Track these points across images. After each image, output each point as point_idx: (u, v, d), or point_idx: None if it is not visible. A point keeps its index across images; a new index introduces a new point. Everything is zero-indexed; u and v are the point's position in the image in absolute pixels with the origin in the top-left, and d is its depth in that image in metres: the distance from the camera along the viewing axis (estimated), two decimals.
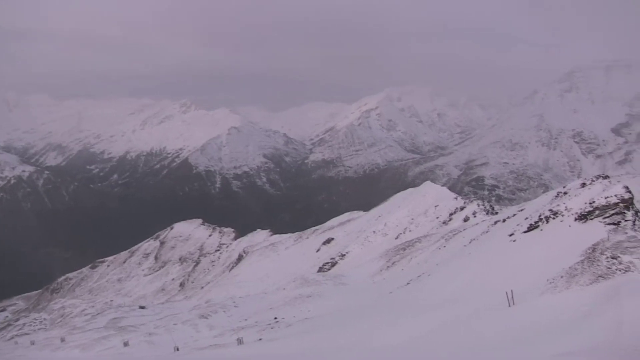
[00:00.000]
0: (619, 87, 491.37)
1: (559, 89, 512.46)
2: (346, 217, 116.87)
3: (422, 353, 22.53)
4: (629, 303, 20.02)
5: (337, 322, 36.50)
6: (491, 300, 28.39)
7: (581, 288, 26.21)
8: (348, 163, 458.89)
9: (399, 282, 49.33)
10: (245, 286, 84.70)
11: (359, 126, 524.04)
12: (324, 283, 59.69)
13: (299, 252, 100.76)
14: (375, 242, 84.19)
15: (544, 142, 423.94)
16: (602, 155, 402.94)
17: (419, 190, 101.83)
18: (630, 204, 38.69)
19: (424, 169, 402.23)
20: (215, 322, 47.86)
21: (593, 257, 29.73)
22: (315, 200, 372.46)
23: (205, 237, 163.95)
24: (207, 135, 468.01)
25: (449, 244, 58.82)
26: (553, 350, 16.99)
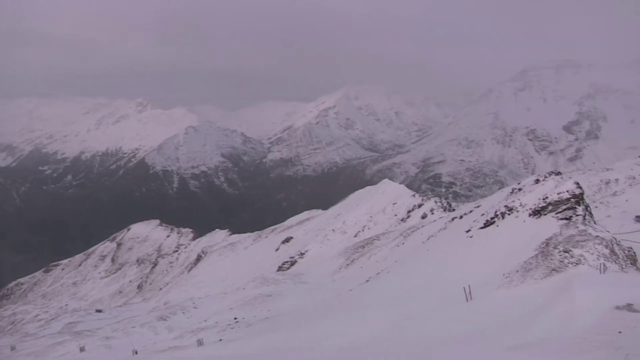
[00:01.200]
0: (569, 86, 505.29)
1: (513, 88, 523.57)
2: (305, 216, 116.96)
3: (382, 350, 22.71)
4: (580, 295, 20.58)
5: (297, 321, 36.51)
6: (449, 295, 28.82)
7: (535, 282, 26.85)
8: (306, 162, 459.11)
9: (358, 280, 49.62)
10: (204, 287, 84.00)
11: (317, 125, 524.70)
12: (283, 282, 59.60)
13: (258, 251, 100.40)
14: (335, 240, 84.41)
15: (499, 139, 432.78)
16: (555, 152, 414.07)
17: (377, 188, 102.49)
18: (581, 199, 39.80)
19: (382, 167, 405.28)
20: (175, 324, 47.31)
21: (547, 251, 30.48)
22: (274, 199, 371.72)
23: (163, 237, 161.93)
24: (164, 135, 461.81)
25: (407, 241, 59.42)
26: (509, 343, 17.37)
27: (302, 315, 38.87)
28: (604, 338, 14.94)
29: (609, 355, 13.20)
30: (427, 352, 19.88)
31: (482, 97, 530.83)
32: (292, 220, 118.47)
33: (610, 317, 17.27)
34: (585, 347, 14.52)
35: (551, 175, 46.38)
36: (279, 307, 46.34)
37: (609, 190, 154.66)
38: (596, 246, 30.25)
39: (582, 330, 16.57)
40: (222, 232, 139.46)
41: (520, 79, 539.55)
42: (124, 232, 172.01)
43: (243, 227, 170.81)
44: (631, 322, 16.29)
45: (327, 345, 25.85)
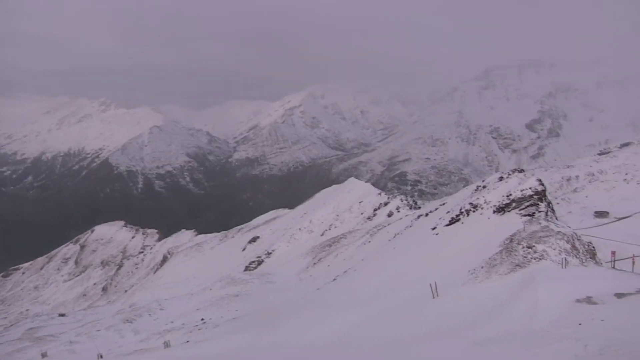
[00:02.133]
0: (531, 85, 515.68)
1: (477, 87, 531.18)
2: (271, 215, 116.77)
3: (349, 348, 22.82)
4: (543, 289, 21.04)
5: (265, 321, 36.44)
6: (416, 292, 29.10)
7: (500, 277, 27.33)
8: (272, 161, 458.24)
9: (325, 279, 49.77)
10: (170, 288, 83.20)
11: (282, 124, 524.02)
12: (250, 282, 59.45)
13: (225, 251, 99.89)
14: (301, 239, 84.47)
15: (463, 137, 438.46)
16: (518, 150, 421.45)
17: (344, 186, 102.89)
18: (543, 195, 40.66)
19: (347, 165, 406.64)
20: (141, 326, 46.76)
21: (511, 247, 31.04)
22: (240, 198, 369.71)
23: (128, 239, 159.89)
24: (128, 135, 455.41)
25: (373, 239, 59.80)
26: (475, 338, 17.62)
27: (270, 315, 38.81)
28: (566, 330, 15.31)
29: (569, 346, 13.54)
30: (395, 348, 20.05)
31: (446, 95, 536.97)
32: (259, 219, 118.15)
33: (571, 310, 17.71)
34: (548, 339, 14.85)
35: (514, 173, 47.27)
36: (246, 307, 46.21)
37: (570, 187, 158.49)
38: (558, 241, 30.95)
39: (545, 323, 16.95)
40: (188, 233, 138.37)
41: (484, 78, 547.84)
42: (88, 233, 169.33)
43: (209, 227, 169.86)
44: (590, 314, 16.74)
45: (295, 345, 25.88)
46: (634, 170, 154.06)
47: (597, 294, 19.29)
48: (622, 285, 20.96)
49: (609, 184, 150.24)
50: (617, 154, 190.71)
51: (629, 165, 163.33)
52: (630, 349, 12.34)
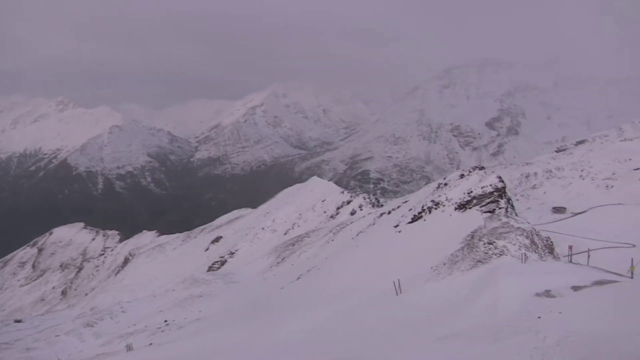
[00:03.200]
0: (490, 84, 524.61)
1: (437, 85, 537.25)
2: (234, 215, 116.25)
3: (313, 346, 22.87)
4: (504, 284, 21.47)
5: (229, 321, 36.25)
6: (380, 290, 29.32)
7: (462, 273, 27.75)
8: (235, 160, 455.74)
9: (289, 278, 49.76)
10: (133, 290, 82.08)
11: (244, 123, 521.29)
12: (214, 282, 59.06)
13: (188, 252, 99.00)
14: (265, 238, 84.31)
15: (425, 135, 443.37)
16: (478, 148, 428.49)
17: (306, 185, 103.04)
18: (504, 192, 41.41)
19: (310, 164, 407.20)
20: (102, 330, 45.98)
21: (472, 243, 31.55)
22: (203, 198, 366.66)
23: (88, 241, 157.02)
24: (87, 135, 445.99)
25: (337, 238, 60.03)
26: (438, 334, 17.85)
27: (234, 315, 38.64)
28: (526, 324, 15.63)
29: (529, 339, 13.83)
30: (359, 346, 20.17)
31: (408, 94, 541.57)
32: (222, 219, 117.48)
33: (531, 304, 18.11)
34: (508, 333, 15.15)
35: (475, 170, 48.06)
36: (210, 308, 45.91)
37: (529, 184, 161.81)
38: (518, 237, 31.60)
39: (506, 317, 17.29)
40: (150, 234, 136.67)
41: (444, 77, 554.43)
42: (46, 236, 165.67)
43: (171, 228, 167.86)
44: (549, 307, 17.15)
45: (259, 344, 25.82)
46: (589, 167, 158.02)
47: (555, 288, 19.78)
48: (579, 278, 21.54)
49: (565, 181, 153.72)
50: (573, 152, 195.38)
51: (584, 162, 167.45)
52: (586, 339, 12.68)
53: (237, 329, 31.52)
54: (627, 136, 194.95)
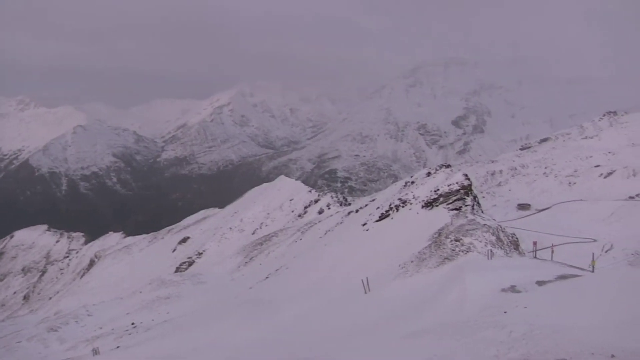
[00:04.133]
0: (456, 83, 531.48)
1: (404, 84, 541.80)
2: (202, 215, 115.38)
3: (281, 346, 22.86)
4: (470, 281, 21.76)
5: (197, 322, 35.98)
6: (348, 288, 29.45)
7: (430, 270, 28.03)
8: (201, 160, 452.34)
9: (258, 277, 49.62)
10: (99, 292, 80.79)
11: (211, 122, 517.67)
12: (182, 283, 58.53)
13: (155, 253, 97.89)
14: (232, 238, 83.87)
15: (391, 134, 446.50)
16: (445, 146, 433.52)
17: (274, 185, 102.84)
18: (470, 190, 41.93)
19: (277, 163, 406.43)
20: (67, 334, 45.11)
21: (439, 241, 31.88)
22: (169, 199, 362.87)
23: (52, 243, 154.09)
24: (50, 135, 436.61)
25: (305, 237, 60.05)
26: (406, 330, 18.00)
27: (202, 316, 38.37)
28: (492, 319, 15.88)
29: (495, 334, 14.05)
30: (327, 344, 20.22)
31: (375, 93, 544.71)
32: (189, 219, 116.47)
33: (497, 299, 18.40)
34: (476, 328, 15.36)
35: (442, 168, 48.64)
36: (178, 309, 45.48)
37: (494, 181, 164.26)
38: (484, 234, 32.03)
39: (473, 313, 17.52)
40: (116, 235, 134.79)
41: (411, 75, 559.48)
42: (7, 239, 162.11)
43: (138, 229, 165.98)
44: (514, 302, 17.46)
45: (228, 345, 25.69)
46: (553, 165, 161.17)
47: (521, 283, 20.12)
48: (543, 273, 21.95)
49: (530, 178, 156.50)
50: (537, 149, 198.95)
51: (547, 159, 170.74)
52: (550, 332, 12.94)
53: (206, 329, 31.31)
54: (588, 134, 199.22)
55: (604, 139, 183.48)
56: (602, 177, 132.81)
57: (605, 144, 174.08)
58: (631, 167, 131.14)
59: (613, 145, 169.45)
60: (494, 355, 12.31)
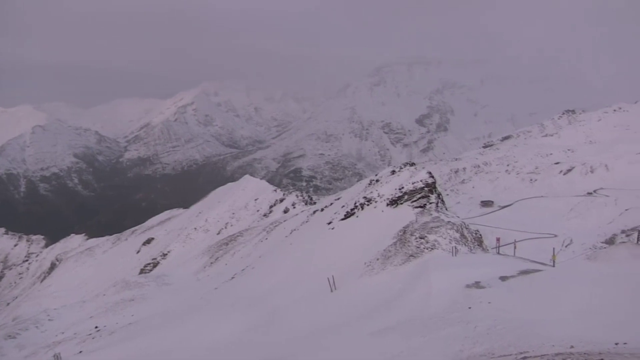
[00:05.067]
0: (420, 82, 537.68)
1: (368, 83, 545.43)
2: (166, 216, 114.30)
3: (246, 346, 22.77)
4: (435, 277, 22.00)
5: (163, 324, 35.56)
6: (314, 287, 29.48)
7: (395, 268, 28.24)
8: (165, 160, 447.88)
9: (223, 277, 49.32)
10: (60, 296, 79.28)
11: (175, 122, 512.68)
12: (146, 285, 57.79)
13: (119, 254, 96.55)
14: (197, 238, 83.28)
15: (356, 133, 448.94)
16: (409, 144, 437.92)
17: (239, 184, 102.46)
18: (434, 188, 42.41)
19: (242, 163, 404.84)
20: (26, 341, 43.96)
21: (404, 238, 32.14)
22: (133, 199, 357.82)
23: (10, 247, 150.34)
24: (7, 135, 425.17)
25: (270, 236, 59.90)
26: (373, 328, 18.09)
27: (168, 318, 37.92)
28: (457, 315, 16.07)
29: (461, 329, 14.24)
30: (292, 344, 20.21)
31: (339, 92, 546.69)
32: (153, 220, 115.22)
33: (462, 295, 18.62)
34: (441, 324, 15.54)
35: (406, 167, 49.06)
36: (143, 311, 44.86)
37: (458, 179, 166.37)
38: (448, 231, 32.43)
39: (438, 309, 17.72)
40: (78, 237, 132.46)
41: (375, 74, 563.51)
42: None
43: (101, 230, 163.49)
44: (479, 297, 17.70)
45: (194, 346, 25.49)
46: (514, 162, 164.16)
47: (484, 279, 20.42)
48: (506, 269, 22.32)
49: (492, 175, 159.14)
50: (500, 147, 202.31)
51: (509, 157, 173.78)
52: (513, 326, 13.16)
53: (171, 331, 30.98)
54: (548, 132, 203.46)
55: (563, 137, 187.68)
56: (562, 174, 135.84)
57: (564, 142, 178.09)
58: (589, 164, 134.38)
59: (572, 143, 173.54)
60: (459, 351, 12.46)
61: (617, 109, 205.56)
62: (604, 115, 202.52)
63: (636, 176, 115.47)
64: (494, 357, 10.79)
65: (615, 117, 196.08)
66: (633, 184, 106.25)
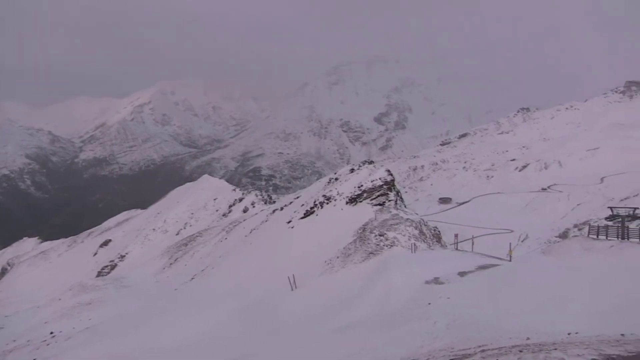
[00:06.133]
0: (378, 80, 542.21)
1: (327, 82, 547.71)
2: (124, 217, 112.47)
3: (206, 347, 22.60)
4: (395, 274, 22.21)
5: (122, 328, 34.93)
6: (275, 286, 29.41)
7: (355, 265, 28.40)
8: (122, 160, 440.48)
9: (183, 278, 48.83)
10: (12, 302, 76.97)
11: (131, 121, 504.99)
12: (104, 288, 56.73)
13: (75, 258, 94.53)
14: (156, 239, 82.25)
15: (315, 131, 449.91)
16: (367, 143, 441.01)
17: (197, 184, 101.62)
18: (393, 185, 42.78)
19: (201, 162, 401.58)
20: None
21: (364, 236, 32.34)
22: (89, 200, 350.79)
23: None
24: None
25: (230, 236, 59.55)
26: (334, 325, 18.16)
27: (127, 321, 37.31)
28: (417, 311, 16.25)
29: (421, 325, 14.40)
30: (254, 344, 20.13)
31: (298, 90, 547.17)
32: (110, 221, 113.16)
33: (421, 291, 18.85)
34: (402, 320, 15.68)
35: (365, 165, 49.38)
36: (101, 315, 44.00)
37: (416, 176, 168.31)
38: (407, 228, 32.76)
39: (398, 306, 17.89)
40: (32, 240, 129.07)
41: (333, 73, 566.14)
42: None
43: (56, 233, 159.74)
44: (438, 293, 17.95)
45: (152, 349, 25.15)
46: (472, 159, 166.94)
47: (443, 275, 20.70)
48: (464, 264, 22.69)
49: (450, 172, 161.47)
50: (457, 144, 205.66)
51: (467, 154, 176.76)
52: (472, 320, 13.39)
53: (130, 335, 30.46)
54: (504, 129, 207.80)
55: (519, 134, 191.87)
56: (518, 171, 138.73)
57: (519, 139, 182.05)
58: (543, 161, 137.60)
59: (527, 140, 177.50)
60: (420, 346, 12.60)
61: (569, 107, 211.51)
62: (557, 113, 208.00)
63: (587, 172, 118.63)
64: (453, 352, 10.94)
65: (567, 114, 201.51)
66: (584, 180, 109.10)
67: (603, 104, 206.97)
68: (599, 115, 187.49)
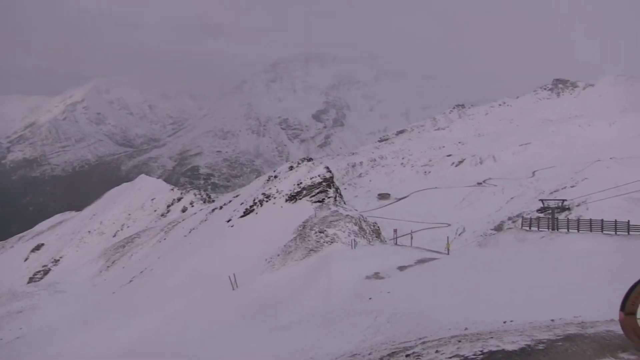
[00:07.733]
0: (316, 78, 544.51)
1: (265, 79, 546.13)
2: (57, 220, 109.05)
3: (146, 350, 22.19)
4: (336, 270, 22.35)
5: (57, 335, 33.82)
6: (215, 286, 29.14)
7: (296, 263, 28.46)
8: (54, 161, 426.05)
9: (121, 281, 47.78)
10: None
11: (64, 121, 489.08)
12: (37, 294, 54.80)
13: (4, 264, 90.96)
14: (92, 242, 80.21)
15: (253, 129, 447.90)
16: (306, 140, 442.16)
17: (134, 184, 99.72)
18: (332, 182, 43.08)
19: (137, 162, 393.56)
20: None
21: (304, 233, 32.44)
22: (19, 203, 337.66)
23: None
24: None
25: (169, 236, 58.69)
26: (275, 323, 18.12)
27: (63, 327, 36.14)
28: (358, 306, 16.40)
29: (362, 320, 14.53)
30: (195, 344, 19.89)
31: (235, 88, 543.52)
32: (43, 225, 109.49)
33: (362, 287, 19.04)
34: (343, 316, 15.79)
35: (304, 162, 49.55)
36: (33, 323, 42.48)
37: (355, 173, 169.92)
38: (347, 224, 33.07)
39: (339, 301, 18.00)
40: None
41: (271, 70, 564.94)
42: None
43: None
44: (378, 288, 18.18)
45: (91, 355, 24.48)
46: (409, 155, 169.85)
47: (383, 269, 20.98)
48: (404, 259, 23.07)
49: (389, 168, 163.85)
50: (395, 141, 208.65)
51: (404, 150, 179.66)
52: (412, 313, 13.60)
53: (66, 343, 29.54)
54: (440, 126, 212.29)
55: (454, 130, 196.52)
56: (454, 166, 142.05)
57: (455, 135, 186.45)
58: (478, 156, 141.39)
59: (462, 136, 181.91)
60: (361, 341, 12.70)
61: (502, 103, 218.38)
62: (491, 109, 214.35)
63: (519, 166, 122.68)
64: (395, 345, 11.08)
65: (501, 111, 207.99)
66: (517, 173, 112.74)
67: (533, 100, 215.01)
68: (530, 112, 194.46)
